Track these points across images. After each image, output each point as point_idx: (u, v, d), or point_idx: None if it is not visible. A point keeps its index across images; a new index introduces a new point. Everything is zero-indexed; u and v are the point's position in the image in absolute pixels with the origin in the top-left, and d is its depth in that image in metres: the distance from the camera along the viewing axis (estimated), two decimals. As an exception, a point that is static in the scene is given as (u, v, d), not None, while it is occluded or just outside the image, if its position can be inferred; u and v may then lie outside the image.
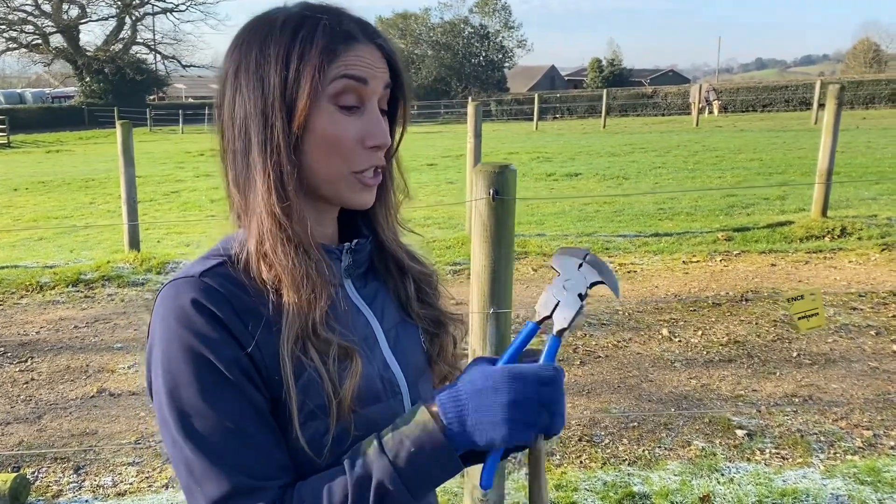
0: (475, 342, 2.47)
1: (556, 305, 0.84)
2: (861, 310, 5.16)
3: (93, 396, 4.22)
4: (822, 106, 22.68)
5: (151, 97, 49.61)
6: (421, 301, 1.07)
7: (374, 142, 0.91)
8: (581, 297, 0.83)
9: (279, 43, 0.88)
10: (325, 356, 0.88)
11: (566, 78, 78.02)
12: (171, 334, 0.84)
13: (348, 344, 0.90)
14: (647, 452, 3.40)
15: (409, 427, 0.82)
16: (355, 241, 0.99)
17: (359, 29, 0.91)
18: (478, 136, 7.46)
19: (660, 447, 3.45)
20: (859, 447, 3.39)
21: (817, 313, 2.38)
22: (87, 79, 45.03)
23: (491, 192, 2.33)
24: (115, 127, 7.53)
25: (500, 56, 58.30)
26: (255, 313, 0.87)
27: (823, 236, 7.16)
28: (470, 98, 30.92)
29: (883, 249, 6.61)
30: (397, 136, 1.01)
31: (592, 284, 0.84)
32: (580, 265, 0.83)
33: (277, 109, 0.87)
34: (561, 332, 0.84)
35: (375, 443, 0.84)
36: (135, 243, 7.23)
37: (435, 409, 0.83)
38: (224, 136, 0.93)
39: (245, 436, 0.84)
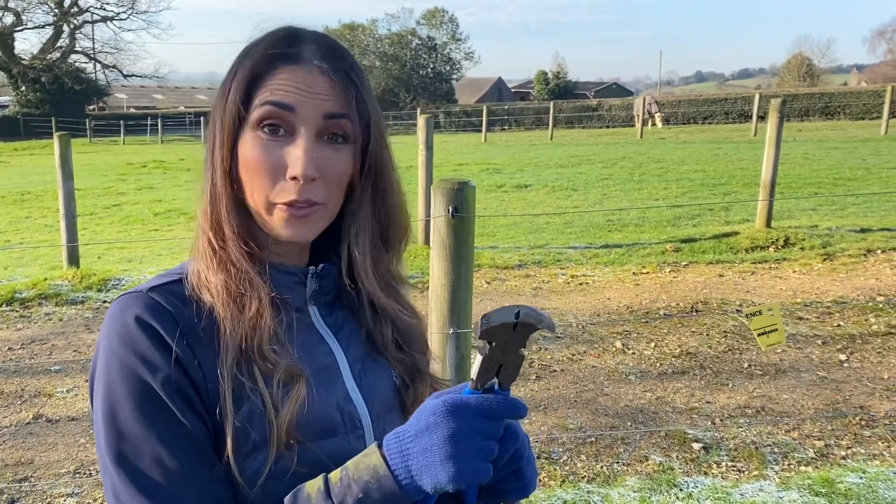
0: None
1: (500, 369, 0.79)
2: (807, 319, 5.27)
3: (28, 423, 4.01)
4: (761, 118, 23.38)
5: (91, 107, 48.32)
6: (400, 348, 1.00)
7: (291, 171, 0.84)
8: (521, 351, 0.79)
9: (234, 63, 0.89)
10: (269, 378, 0.83)
11: (513, 90, 78.91)
12: (112, 352, 0.81)
13: (295, 367, 0.85)
14: (605, 468, 3.38)
15: (359, 471, 0.77)
16: (321, 265, 0.94)
17: (307, 50, 0.87)
18: (429, 148, 7.42)
19: (618, 462, 3.43)
20: (812, 458, 3.43)
21: (776, 329, 2.39)
22: (23, 88, 43.61)
23: (450, 209, 2.28)
24: (52, 137, 7.26)
25: (448, 68, 58.62)
26: (203, 335, 0.83)
27: (768, 247, 7.32)
28: (419, 110, 30.97)
29: (825, 259, 6.79)
30: (366, 167, 0.92)
31: (531, 335, 0.79)
32: (515, 326, 0.77)
33: (217, 135, 0.88)
34: (508, 386, 0.80)
35: (321, 485, 0.78)
36: (74, 259, 6.97)
37: (385, 452, 0.78)
38: None
39: (181, 467, 0.79)
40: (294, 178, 0.84)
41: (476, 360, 0.79)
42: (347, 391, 0.92)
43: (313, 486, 0.78)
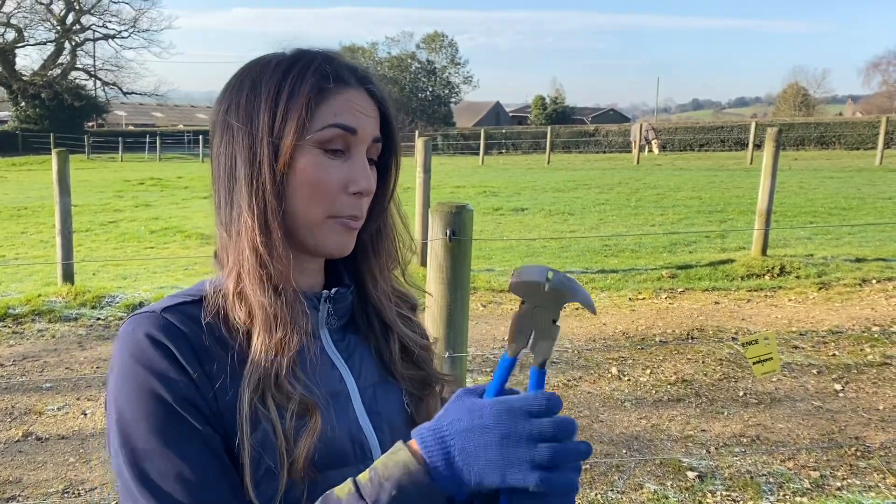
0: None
1: (532, 335, 0.77)
2: (802, 348, 5.26)
3: (17, 441, 3.96)
4: (757, 146, 23.53)
5: (90, 124, 48.43)
6: (406, 361, 1.00)
7: (356, 188, 0.89)
8: (555, 322, 0.77)
9: (270, 81, 0.88)
10: (284, 410, 0.82)
11: (511, 114, 79.37)
12: (126, 371, 0.81)
13: (310, 399, 0.84)
14: (599, 496, 3.35)
15: (389, 468, 0.75)
16: (335, 289, 0.94)
17: (350, 73, 0.90)
18: (427, 170, 7.44)
19: (612, 490, 3.40)
20: (807, 489, 3.41)
21: (771, 357, 2.38)
22: (22, 104, 43.73)
23: (448, 232, 2.28)
24: (50, 153, 7.26)
25: (447, 91, 59.05)
26: (217, 356, 0.83)
27: (764, 275, 7.33)
28: (417, 132, 31.12)
29: (820, 288, 6.80)
30: (390, 186, 0.99)
31: (564, 305, 0.76)
32: (545, 286, 0.75)
33: (265, 146, 0.86)
34: (543, 363, 0.78)
35: (351, 488, 0.76)
36: (69, 276, 6.93)
37: (416, 447, 0.76)
38: (214, 175, 0.91)
39: (204, 482, 0.78)
40: (357, 194, 0.89)
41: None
42: (358, 420, 0.92)
43: (342, 489, 0.77)
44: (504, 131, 44.34)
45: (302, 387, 0.84)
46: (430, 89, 57.99)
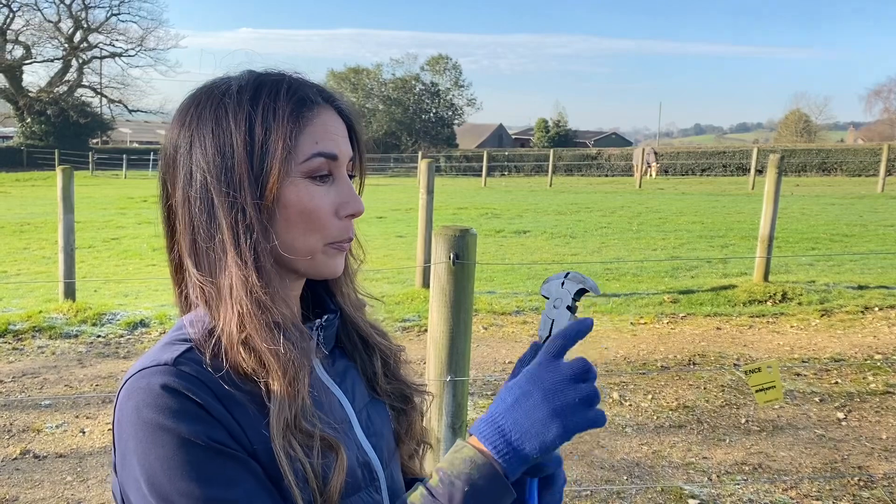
0: (431, 410, 2.38)
1: (552, 323, 0.89)
2: (805, 376, 5.24)
3: (15, 459, 3.94)
4: (759, 172, 23.60)
5: (95, 140, 48.68)
6: (387, 376, 1.01)
7: (348, 211, 0.88)
8: (570, 308, 0.88)
9: (238, 112, 0.82)
10: (310, 449, 0.80)
11: (513, 136, 79.71)
12: (149, 426, 0.74)
13: (331, 437, 0.82)
14: (600, 523, 3.32)
15: (457, 466, 0.78)
16: (325, 317, 0.93)
17: (318, 94, 0.87)
18: (430, 192, 7.46)
19: (613, 517, 3.37)
20: (810, 518, 3.38)
21: (774, 386, 2.37)
22: (28, 120, 44.01)
23: (451, 256, 2.28)
24: (54, 169, 7.29)
25: (450, 113, 59.29)
26: (240, 402, 0.79)
27: (766, 301, 7.31)
28: (420, 153, 31.24)
29: (822, 315, 6.78)
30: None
31: (577, 294, 0.89)
32: (563, 283, 0.90)
33: (246, 185, 0.81)
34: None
35: (423, 490, 0.78)
36: (70, 292, 6.93)
37: (476, 441, 0.79)
38: (183, 218, 0.85)
39: None
40: (351, 216, 0.89)
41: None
42: (361, 443, 0.91)
43: (415, 496, 0.79)
44: (507, 153, 44.49)
45: (320, 426, 0.82)
46: (434, 111, 58.25)
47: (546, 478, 0.90)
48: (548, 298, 0.90)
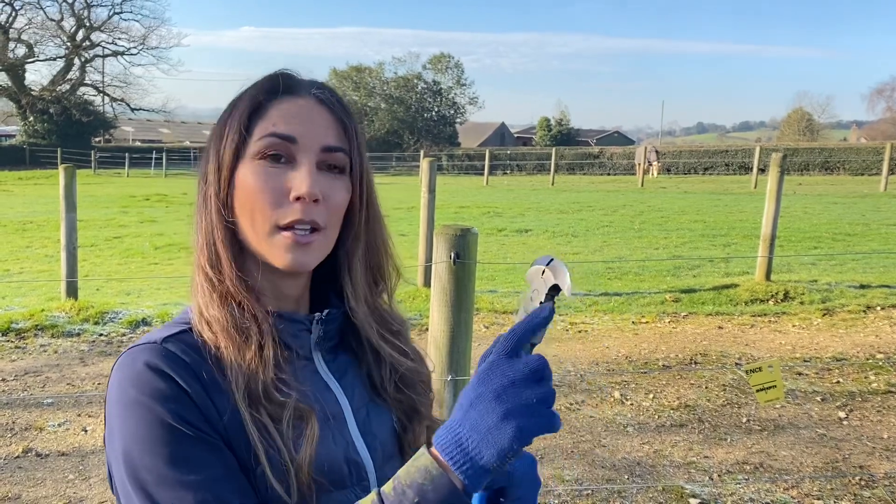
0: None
1: (521, 313, 0.83)
2: (806, 375, 5.23)
3: (17, 457, 3.95)
4: (761, 171, 23.57)
5: (97, 139, 48.73)
6: (399, 389, 1.00)
7: (296, 192, 0.85)
8: (542, 303, 0.81)
9: (226, 107, 0.92)
10: (280, 419, 0.82)
11: (515, 135, 79.70)
12: (129, 402, 0.78)
13: (305, 406, 0.84)
14: (601, 522, 3.32)
15: (411, 475, 0.74)
16: (326, 311, 0.94)
17: (297, 83, 0.90)
18: (431, 191, 7.46)
19: (614, 516, 3.38)
20: (811, 517, 3.38)
21: (775, 385, 2.37)
22: (31, 118, 44.07)
23: (452, 255, 2.28)
24: (57, 167, 7.31)
25: (452, 112, 59.30)
26: (221, 384, 0.82)
27: (768, 300, 7.31)
28: (422, 152, 31.24)
29: (824, 314, 6.78)
30: (357, 198, 0.94)
31: (552, 290, 0.80)
32: (543, 272, 0.81)
33: (212, 169, 0.89)
34: (533, 344, 0.80)
35: (375, 498, 0.76)
36: (72, 291, 6.95)
37: (434, 450, 0.75)
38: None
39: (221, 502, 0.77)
40: (299, 199, 0.85)
41: None
42: (354, 442, 0.91)
43: (367, 500, 0.77)
44: (509, 152, 44.49)
45: (294, 396, 0.84)
46: (436, 109, 58.25)
47: (498, 491, 0.86)
48: (530, 286, 0.83)
